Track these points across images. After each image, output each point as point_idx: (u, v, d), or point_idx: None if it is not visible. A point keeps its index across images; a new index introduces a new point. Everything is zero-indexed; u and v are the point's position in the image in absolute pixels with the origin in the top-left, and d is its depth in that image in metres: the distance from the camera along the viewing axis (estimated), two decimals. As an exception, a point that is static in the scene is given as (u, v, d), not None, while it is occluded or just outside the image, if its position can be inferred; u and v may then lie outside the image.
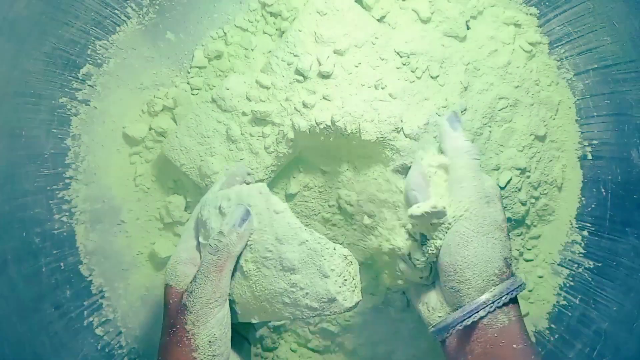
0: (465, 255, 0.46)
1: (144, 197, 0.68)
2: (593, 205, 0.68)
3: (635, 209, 0.64)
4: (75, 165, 0.65)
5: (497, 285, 0.46)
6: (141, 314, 0.68)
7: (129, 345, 0.67)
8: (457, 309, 0.47)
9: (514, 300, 0.47)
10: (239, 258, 0.49)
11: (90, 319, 0.65)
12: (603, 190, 0.67)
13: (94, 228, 0.66)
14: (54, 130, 0.63)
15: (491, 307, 0.45)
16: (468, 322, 0.45)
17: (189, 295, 0.46)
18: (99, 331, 0.65)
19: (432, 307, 0.50)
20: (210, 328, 0.46)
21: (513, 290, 0.46)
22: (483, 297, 0.45)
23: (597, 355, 0.64)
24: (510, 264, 0.48)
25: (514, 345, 0.45)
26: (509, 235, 0.49)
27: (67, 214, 0.64)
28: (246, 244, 0.49)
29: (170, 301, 0.49)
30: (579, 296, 0.67)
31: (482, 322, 0.45)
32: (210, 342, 0.46)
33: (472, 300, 0.46)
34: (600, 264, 0.66)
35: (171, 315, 0.48)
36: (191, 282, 0.47)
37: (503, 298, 0.45)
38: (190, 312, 0.46)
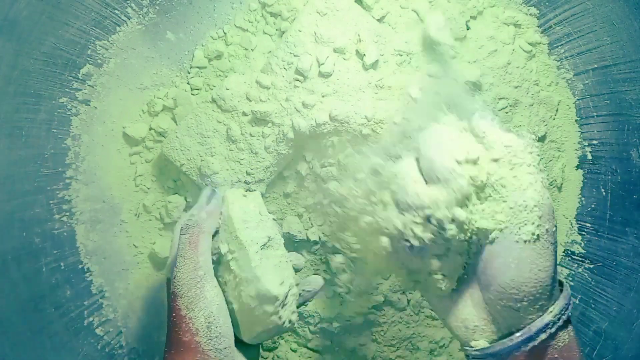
0: (523, 270, 0.39)
1: (144, 197, 0.68)
2: (593, 205, 0.68)
3: (635, 209, 0.64)
4: (76, 165, 0.65)
5: (556, 301, 0.41)
6: (141, 314, 0.68)
7: (129, 345, 0.67)
8: (516, 331, 0.41)
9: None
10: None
11: (91, 318, 0.65)
12: (603, 190, 0.67)
13: (94, 228, 0.66)
14: (54, 130, 0.63)
15: (552, 328, 0.40)
16: (527, 347, 0.40)
17: (174, 280, 0.46)
18: (99, 331, 0.65)
19: (472, 326, 0.43)
20: (204, 308, 0.45)
21: (569, 304, 0.42)
22: (546, 319, 0.40)
23: (597, 355, 0.64)
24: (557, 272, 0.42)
25: None
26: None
27: (67, 214, 0.64)
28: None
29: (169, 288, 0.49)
30: (579, 296, 0.67)
31: (545, 344, 0.40)
32: (208, 323, 0.45)
33: (533, 323, 0.40)
34: (600, 264, 0.66)
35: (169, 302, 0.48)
36: (172, 269, 0.47)
37: (563, 316, 0.40)
38: (180, 297, 0.45)
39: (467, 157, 0.40)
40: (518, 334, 0.40)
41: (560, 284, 0.43)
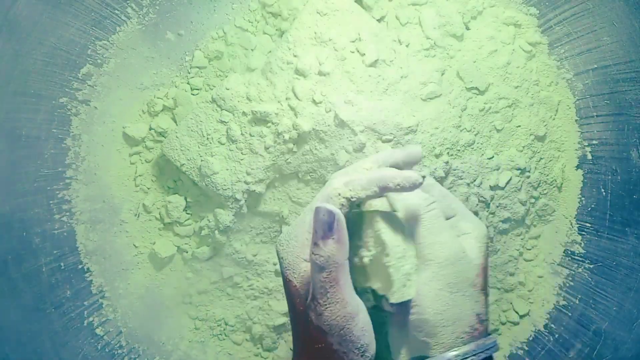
0: (433, 312, 0.44)
1: (144, 197, 0.68)
2: (593, 205, 0.68)
3: (635, 209, 0.64)
4: (76, 165, 0.65)
5: (467, 343, 0.45)
6: (141, 313, 0.68)
7: (129, 345, 0.67)
8: None
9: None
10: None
11: (91, 318, 0.65)
12: (603, 190, 0.67)
13: (94, 228, 0.66)
14: (54, 130, 0.63)
15: None
16: None
17: (319, 318, 0.42)
18: (99, 331, 0.65)
19: (397, 344, 0.48)
20: (356, 341, 0.43)
21: (482, 352, 0.44)
22: (450, 354, 0.44)
23: (597, 355, 0.64)
24: (485, 320, 0.46)
25: None
26: (486, 288, 0.47)
27: (67, 214, 0.64)
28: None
29: (297, 300, 0.44)
30: (579, 296, 0.67)
31: None
32: (362, 352, 0.43)
33: (439, 356, 0.44)
34: (599, 264, 0.66)
35: (302, 321, 0.44)
36: (312, 301, 0.42)
37: (469, 359, 0.44)
38: (332, 335, 0.42)
39: None
40: None
41: (487, 332, 0.47)
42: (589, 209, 0.68)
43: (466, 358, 0.44)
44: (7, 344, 0.58)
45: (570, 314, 0.67)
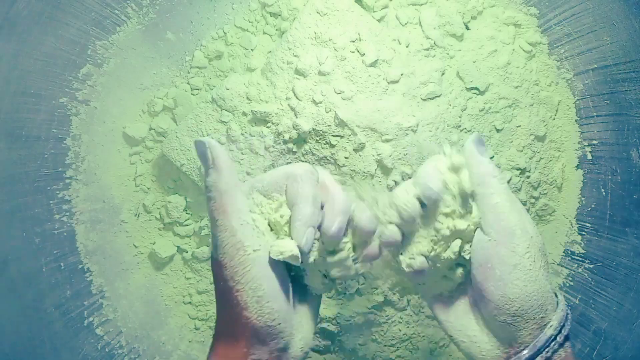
0: (517, 284, 0.41)
1: (144, 197, 0.68)
2: (593, 205, 0.68)
3: (635, 209, 0.64)
4: (75, 165, 0.65)
5: (554, 316, 0.42)
6: (141, 314, 0.68)
7: (129, 345, 0.67)
8: (517, 346, 0.42)
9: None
10: None
11: (90, 318, 0.65)
12: (603, 190, 0.67)
13: (94, 228, 0.66)
14: (54, 130, 0.63)
15: (554, 344, 0.41)
16: None
17: (215, 250, 0.40)
18: (99, 331, 0.65)
19: (477, 340, 0.44)
20: (254, 280, 0.39)
21: (567, 319, 0.42)
22: (548, 333, 0.41)
23: (597, 355, 0.64)
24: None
25: None
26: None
27: (67, 214, 0.64)
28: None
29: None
30: (579, 296, 0.67)
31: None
32: (257, 297, 0.39)
33: (537, 338, 0.41)
34: (599, 264, 0.66)
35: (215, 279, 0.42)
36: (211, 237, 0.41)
37: (563, 330, 0.42)
38: (225, 267, 0.39)
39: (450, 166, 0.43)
40: (525, 352, 0.41)
41: (555, 295, 0.44)
42: (589, 209, 0.68)
43: (560, 332, 0.41)
44: (7, 344, 0.58)
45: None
